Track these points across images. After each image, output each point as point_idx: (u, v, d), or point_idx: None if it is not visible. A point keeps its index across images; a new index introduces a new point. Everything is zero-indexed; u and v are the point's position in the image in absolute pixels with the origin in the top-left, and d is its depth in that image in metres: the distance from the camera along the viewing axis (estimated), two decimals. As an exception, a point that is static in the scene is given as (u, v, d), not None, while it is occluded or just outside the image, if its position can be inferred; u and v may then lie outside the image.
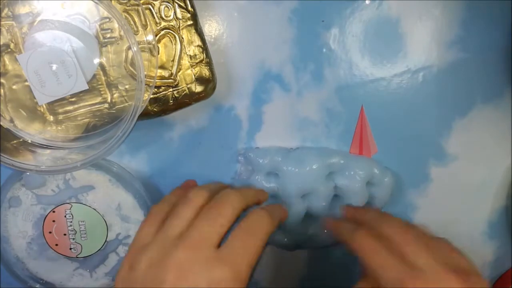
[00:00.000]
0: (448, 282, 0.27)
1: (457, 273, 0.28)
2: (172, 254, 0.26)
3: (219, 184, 0.35)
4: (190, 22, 0.33)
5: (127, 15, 0.31)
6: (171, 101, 0.33)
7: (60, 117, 0.32)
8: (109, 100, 0.32)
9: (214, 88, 0.34)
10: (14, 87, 0.31)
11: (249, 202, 0.31)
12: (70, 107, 0.32)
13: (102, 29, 0.31)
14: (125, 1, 0.31)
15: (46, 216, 0.36)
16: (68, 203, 0.36)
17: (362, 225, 0.32)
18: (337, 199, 0.38)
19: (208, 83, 0.33)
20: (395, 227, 0.31)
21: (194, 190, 0.30)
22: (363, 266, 0.30)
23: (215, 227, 0.28)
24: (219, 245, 0.27)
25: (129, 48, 0.31)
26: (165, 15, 0.32)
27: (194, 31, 0.33)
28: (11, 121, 0.32)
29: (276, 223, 0.31)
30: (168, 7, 0.32)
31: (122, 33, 0.31)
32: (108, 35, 0.31)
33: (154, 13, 0.32)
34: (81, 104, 0.32)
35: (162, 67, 0.33)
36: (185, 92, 0.33)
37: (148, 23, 0.32)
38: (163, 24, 0.32)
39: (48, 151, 0.32)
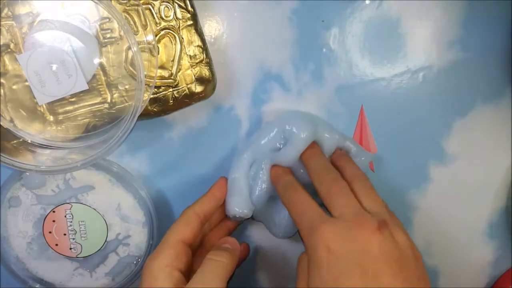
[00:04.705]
0: (356, 230, 0.27)
1: (371, 223, 0.27)
2: None
3: None
4: (190, 22, 0.33)
5: (127, 15, 0.31)
6: (171, 101, 0.33)
7: (60, 117, 0.32)
8: (109, 100, 0.32)
9: (214, 88, 0.34)
10: (14, 87, 0.31)
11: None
12: (70, 107, 0.32)
13: (102, 29, 0.31)
14: (125, 1, 0.31)
15: (46, 216, 0.36)
16: (68, 203, 0.36)
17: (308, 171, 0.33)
18: None
19: (208, 83, 0.33)
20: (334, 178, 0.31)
21: None
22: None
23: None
24: None
25: (129, 48, 0.31)
26: (165, 15, 0.32)
27: (194, 31, 0.33)
28: (11, 121, 0.32)
29: (236, 260, 0.32)
30: (168, 7, 0.32)
31: (122, 33, 0.31)
32: (108, 35, 0.31)
33: (154, 13, 0.32)
34: (81, 104, 0.32)
35: (162, 67, 0.33)
36: (185, 92, 0.33)
37: (148, 23, 0.32)
38: (163, 24, 0.32)
39: (48, 151, 0.32)
